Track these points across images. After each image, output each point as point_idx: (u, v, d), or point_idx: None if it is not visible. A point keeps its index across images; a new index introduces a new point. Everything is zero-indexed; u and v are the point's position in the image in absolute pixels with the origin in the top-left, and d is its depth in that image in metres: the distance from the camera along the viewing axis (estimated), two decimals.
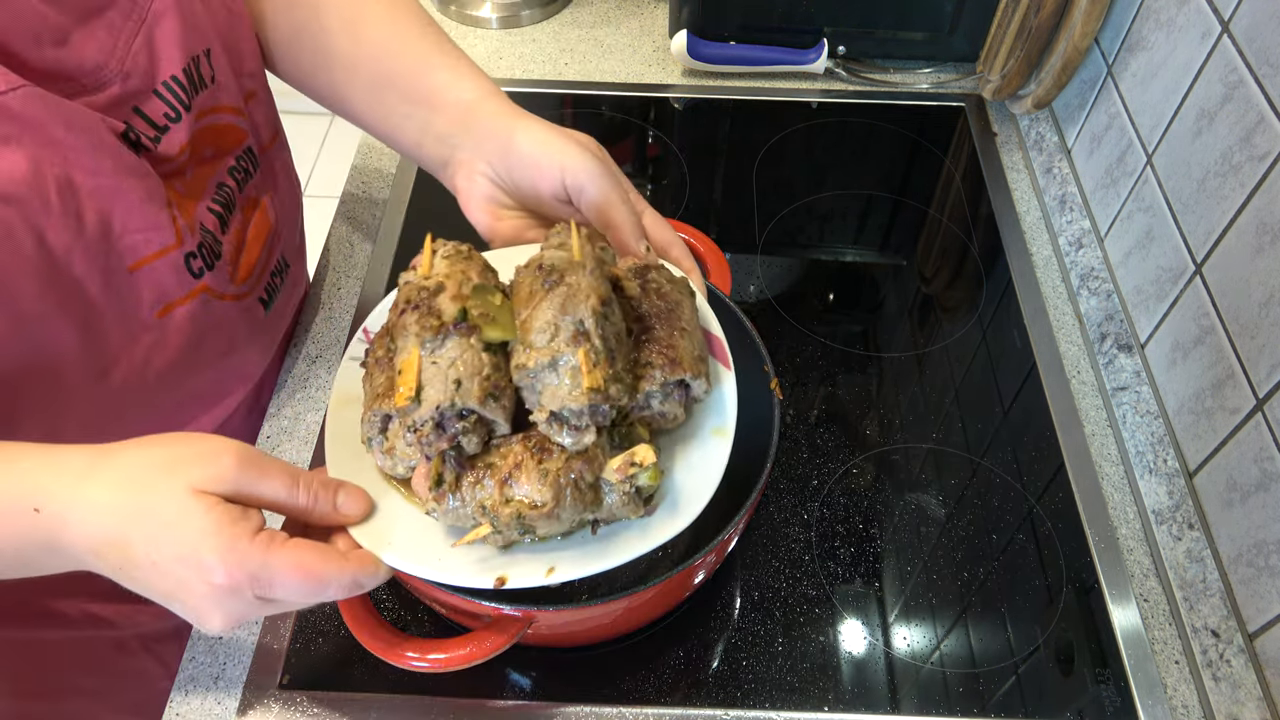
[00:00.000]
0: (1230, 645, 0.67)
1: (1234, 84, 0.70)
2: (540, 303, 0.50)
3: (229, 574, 0.47)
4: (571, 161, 0.61)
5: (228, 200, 0.69)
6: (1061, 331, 0.89)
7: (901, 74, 1.14)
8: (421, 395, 0.49)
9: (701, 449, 0.56)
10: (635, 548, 0.52)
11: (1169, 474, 0.75)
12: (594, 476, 0.50)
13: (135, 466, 0.48)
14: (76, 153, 0.54)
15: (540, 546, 0.53)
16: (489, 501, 0.50)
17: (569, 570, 0.52)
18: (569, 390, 0.49)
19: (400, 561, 0.51)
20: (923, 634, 0.70)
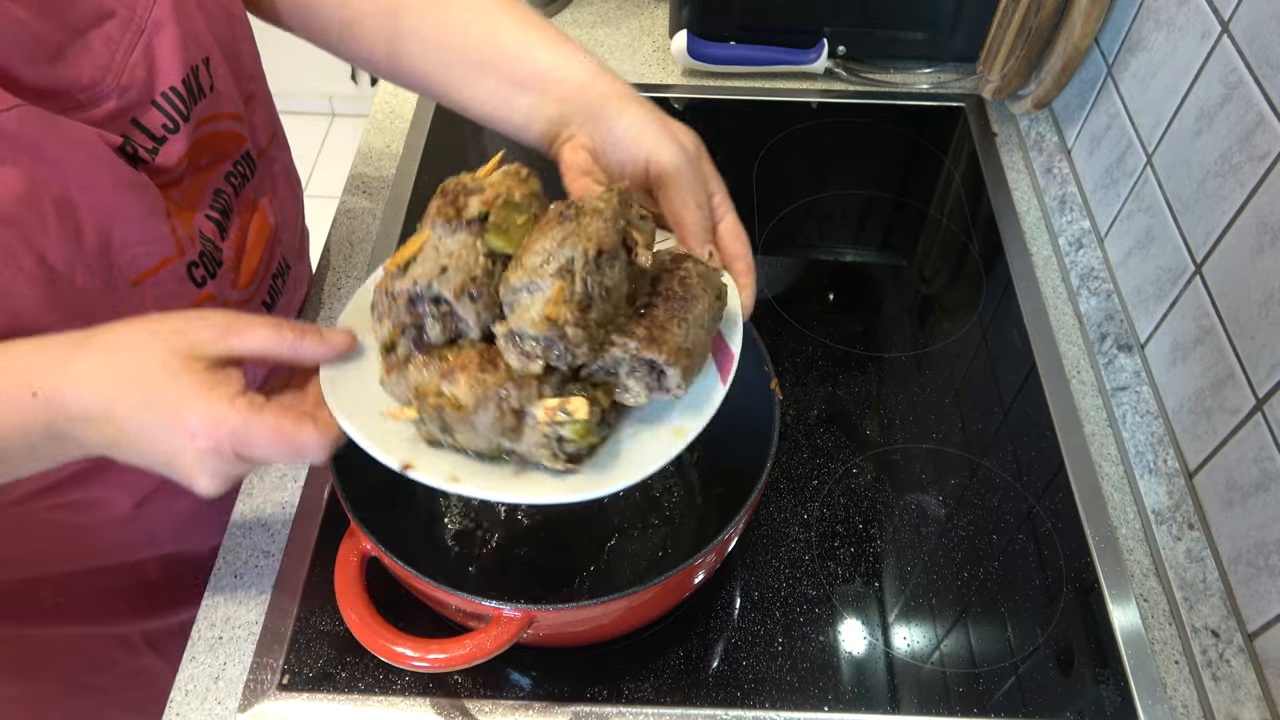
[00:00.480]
0: (1230, 645, 0.67)
1: (1234, 84, 0.70)
2: (548, 230, 0.51)
3: (210, 435, 0.49)
4: (659, 152, 0.60)
5: (225, 206, 0.69)
6: (1061, 331, 0.89)
7: (901, 74, 1.14)
8: (409, 268, 0.51)
9: (655, 439, 0.55)
10: (541, 492, 0.52)
11: (1169, 474, 0.75)
12: (521, 404, 0.50)
13: (121, 340, 0.51)
14: (73, 170, 0.54)
15: (460, 457, 0.53)
16: (422, 387, 0.51)
17: (471, 485, 0.52)
18: (533, 315, 0.49)
19: (345, 424, 0.52)
20: (923, 634, 0.70)
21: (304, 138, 2.56)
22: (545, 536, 0.73)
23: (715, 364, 0.57)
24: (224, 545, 0.74)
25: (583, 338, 0.49)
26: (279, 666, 0.67)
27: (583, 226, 0.50)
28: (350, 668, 0.67)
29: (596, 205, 0.52)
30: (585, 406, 0.50)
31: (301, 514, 0.75)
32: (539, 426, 0.50)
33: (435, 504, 0.74)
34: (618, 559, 0.72)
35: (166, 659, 0.81)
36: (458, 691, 0.66)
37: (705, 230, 0.60)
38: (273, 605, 0.70)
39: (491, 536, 0.73)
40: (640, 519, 0.74)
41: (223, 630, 0.69)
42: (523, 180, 0.55)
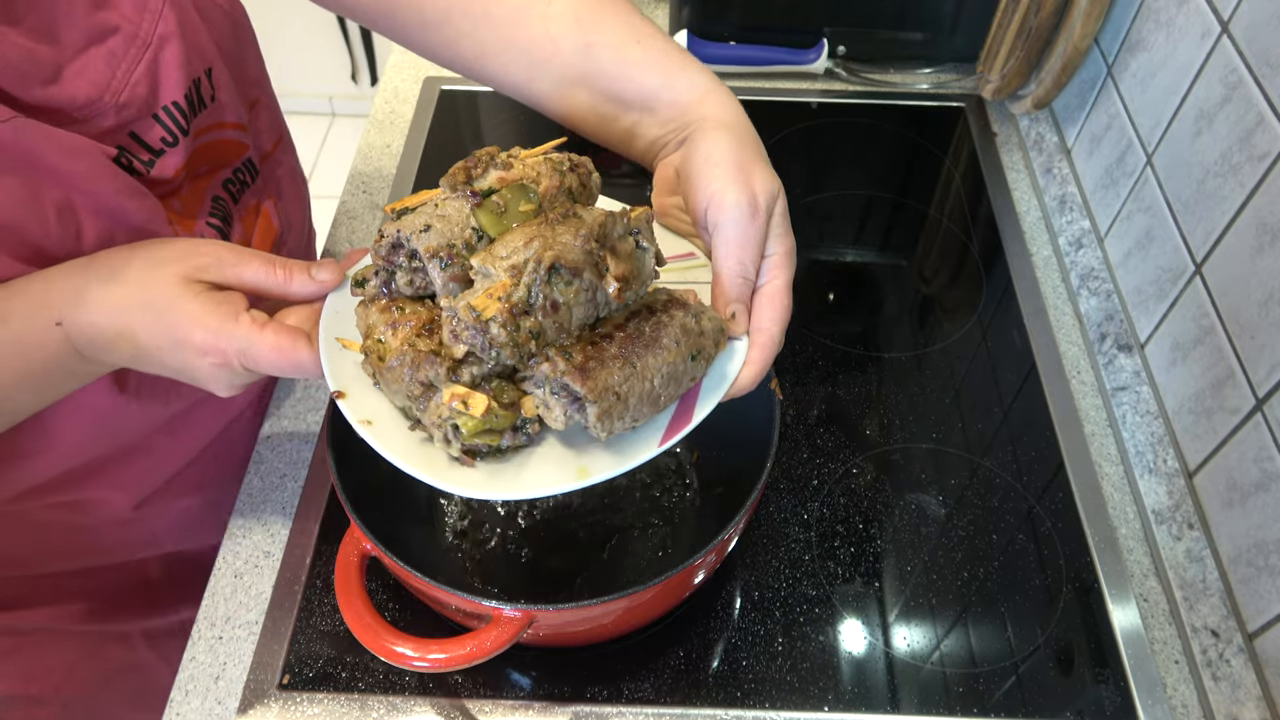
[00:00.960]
0: (1230, 645, 0.67)
1: (1234, 84, 0.70)
2: (526, 226, 0.51)
3: (219, 351, 0.52)
4: (722, 195, 0.55)
5: (225, 213, 0.69)
6: (1061, 331, 0.89)
7: (901, 74, 1.14)
8: (402, 218, 0.53)
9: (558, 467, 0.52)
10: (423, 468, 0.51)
11: (1169, 474, 0.75)
12: (427, 379, 0.51)
13: (124, 266, 0.54)
14: (74, 178, 0.55)
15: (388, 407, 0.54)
16: (370, 328, 0.54)
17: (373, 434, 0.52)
18: (468, 300, 0.49)
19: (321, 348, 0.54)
20: (923, 634, 0.70)
21: (304, 138, 2.56)
22: (545, 536, 0.73)
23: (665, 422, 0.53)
24: (224, 545, 0.74)
25: (506, 340, 0.48)
26: (279, 666, 0.67)
27: (555, 234, 0.50)
28: (350, 668, 0.67)
29: (584, 219, 0.51)
30: (483, 405, 0.49)
31: (301, 514, 0.75)
32: (439, 407, 0.50)
33: (435, 504, 0.74)
34: (618, 559, 0.72)
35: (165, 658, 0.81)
36: (458, 691, 0.66)
37: (739, 292, 0.56)
38: (273, 605, 0.70)
39: (491, 536, 0.73)
40: (640, 519, 0.74)
41: (223, 630, 0.69)
42: (561, 171, 0.55)
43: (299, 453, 0.79)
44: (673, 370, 0.52)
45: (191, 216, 0.65)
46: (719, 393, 0.54)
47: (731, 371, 0.55)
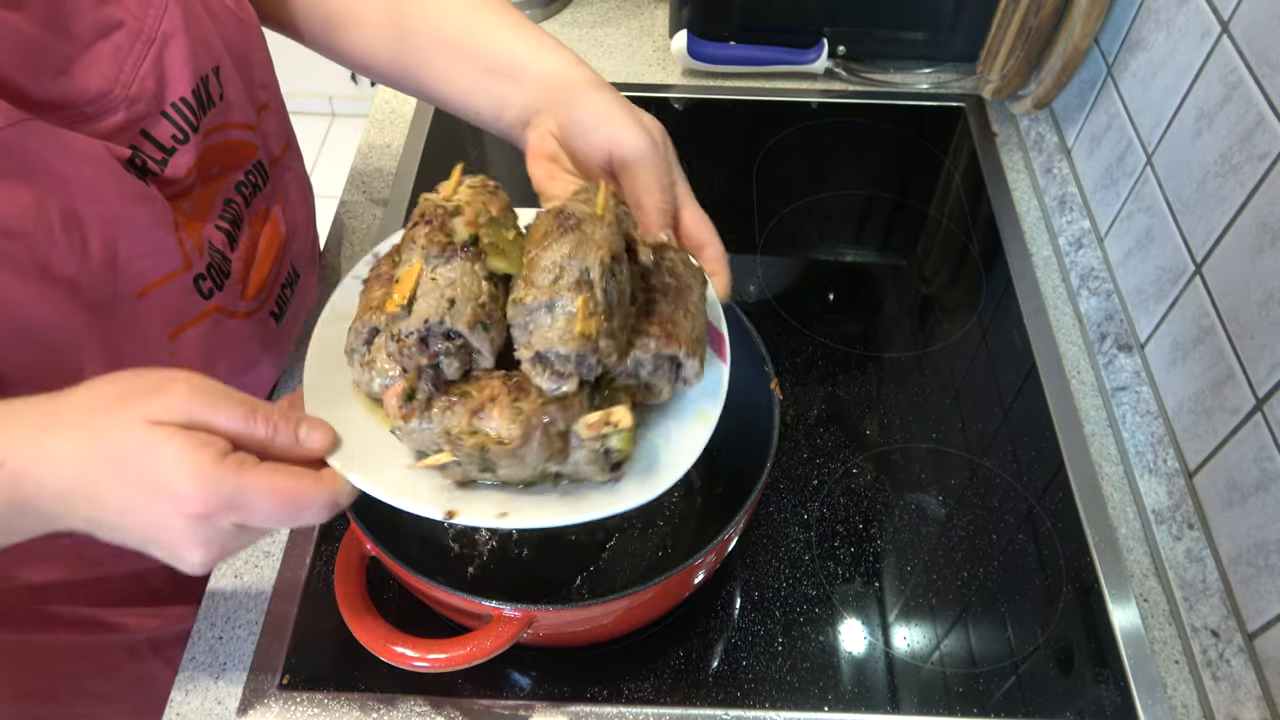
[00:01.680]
0: (1230, 645, 0.67)
1: (1234, 84, 0.70)
2: (552, 243, 0.49)
3: (203, 501, 0.44)
4: (622, 136, 0.60)
5: (235, 216, 0.68)
6: (1061, 331, 0.89)
7: (901, 74, 1.14)
8: (413, 306, 0.48)
9: (681, 429, 0.54)
10: (595, 509, 0.51)
11: (1169, 474, 0.75)
12: (566, 426, 0.49)
13: (87, 408, 0.46)
14: (79, 184, 0.54)
15: (498, 490, 0.51)
16: (455, 428, 0.48)
17: (521, 517, 0.50)
18: (560, 334, 0.47)
19: (363, 483, 0.50)
20: (923, 634, 0.70)
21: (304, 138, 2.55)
22: (545, 537, 0.73)
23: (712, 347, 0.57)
24: None
25: (613, 348, 0.49)
26: (279, 666, 0.67)
27: (588, 235, 0.49)
28: (350, 668, 0.67)
29: (594, 211, 0.51)
30: (627, 413, 0.49)
31: None
32: (586, 444, 0.49)
33: None
34: (618, 559, 0.72)
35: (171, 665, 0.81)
36: (458, 691, 0.66)
37: (666, 215, 0.60)
38: (273, 605, 0.70)
39: (492, 537, 0.73)
40: (640, 519, 0.74)
41: (223, 630, 0.69)
42: (493, 193, 0.54)
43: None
44: (702, 298, 0.56)
45: (201, 219, 0.65)
46: (718, 310, 0.59)
47: (710, 291, 0.59)
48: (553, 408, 0.48)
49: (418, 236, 0.50)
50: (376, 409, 0.53)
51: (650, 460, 0.53)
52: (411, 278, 0.49)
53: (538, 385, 0.49)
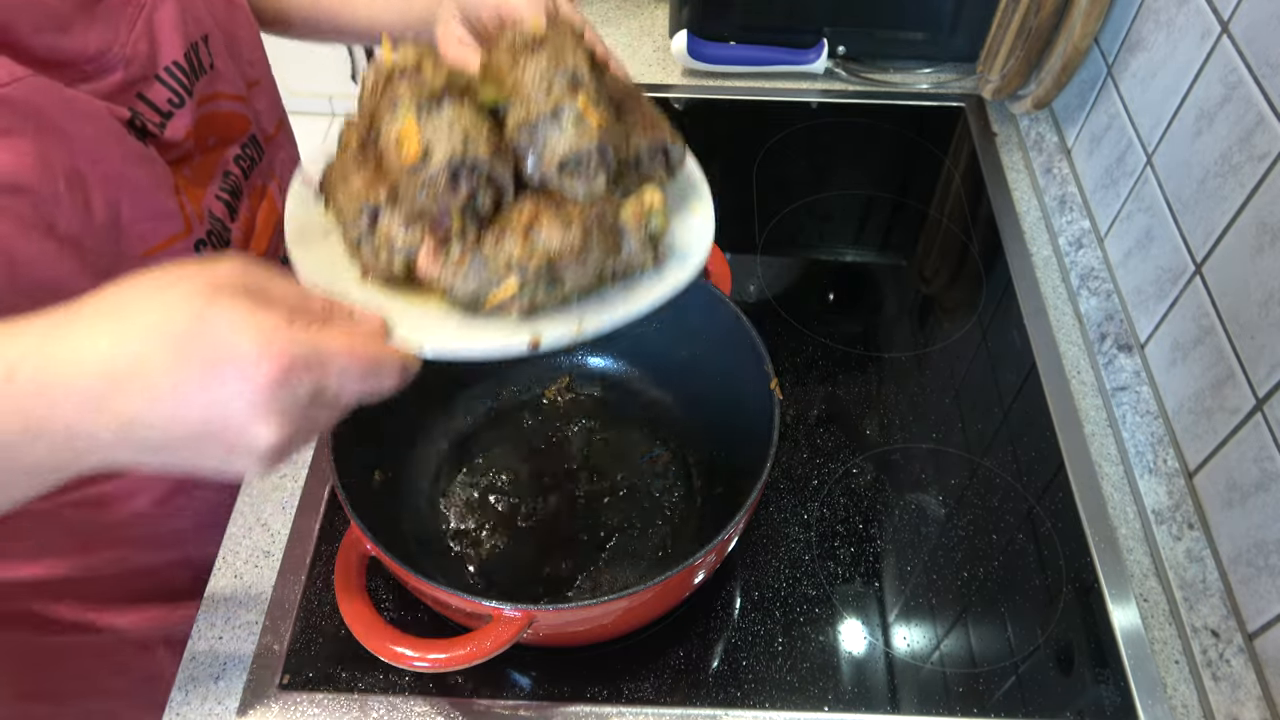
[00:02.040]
0: (1230, 645, 0.67)
1: (1234, 84, 0.70)
2: (529, 63, 0.50)
3: (276, 361, 0.38)
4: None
5: (235, 188, 0.69)
6: (1061, 331, 0.89)
7: (901, 74, 1.14)
8: (428, 152, 0.47)
9: (686, 219, 0.57)
10: (652, 295, 0.53)
11: (1169, 474, 0.75)
12: (613, 218, 0.51)
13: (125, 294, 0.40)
14: (83, 142, 0.54)
15: (560, 309, 0.52)
16: (514, 254, 0.48)
17: (596, 322, 0.51)
18: (574, 136, 0.49)
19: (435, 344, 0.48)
20: (923, 634, 0.70)
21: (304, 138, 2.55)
22: (545, 537, 0.73)
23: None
24: (224, 545, 0.74)
25: (620, 133, 0.51)
26: (279, 666, 0.67)
27: (560, 45, 0.50)
28: (350, 668, 0.67)
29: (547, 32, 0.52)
30: (657, 192, 0.52)
31: (301, 514, 0.75)
32: (633, 233, 0.52)
33: (435, 504, 0.74)
34: (618, 559, 0.72)
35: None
36: (458, 691, 0.66)
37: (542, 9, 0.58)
38: (273, 605, 0.70)
39: (491, 537, 0.73)
40: (640, 519, 0.74)
41: (223, 630, 0.69)
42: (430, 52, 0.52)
43: (299, 453, 0.79)
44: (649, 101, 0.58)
45: (201, 186, 0.66)
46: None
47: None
48: (599, 204, 0.50)
49: (400, 93, 0.49)
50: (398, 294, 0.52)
51: (677, 247, 0.56)
52: (413, 131, 0.48)
53: (573, 192, 0.50)
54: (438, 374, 0.78)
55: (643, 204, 0.52)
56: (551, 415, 0.80)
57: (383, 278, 0.52)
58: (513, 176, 0.50)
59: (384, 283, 0.52)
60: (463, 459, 0.77)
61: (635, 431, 0.79)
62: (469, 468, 0.77)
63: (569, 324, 0.51)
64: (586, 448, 0.78)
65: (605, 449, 0.78)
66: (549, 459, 0.77)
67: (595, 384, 0.82)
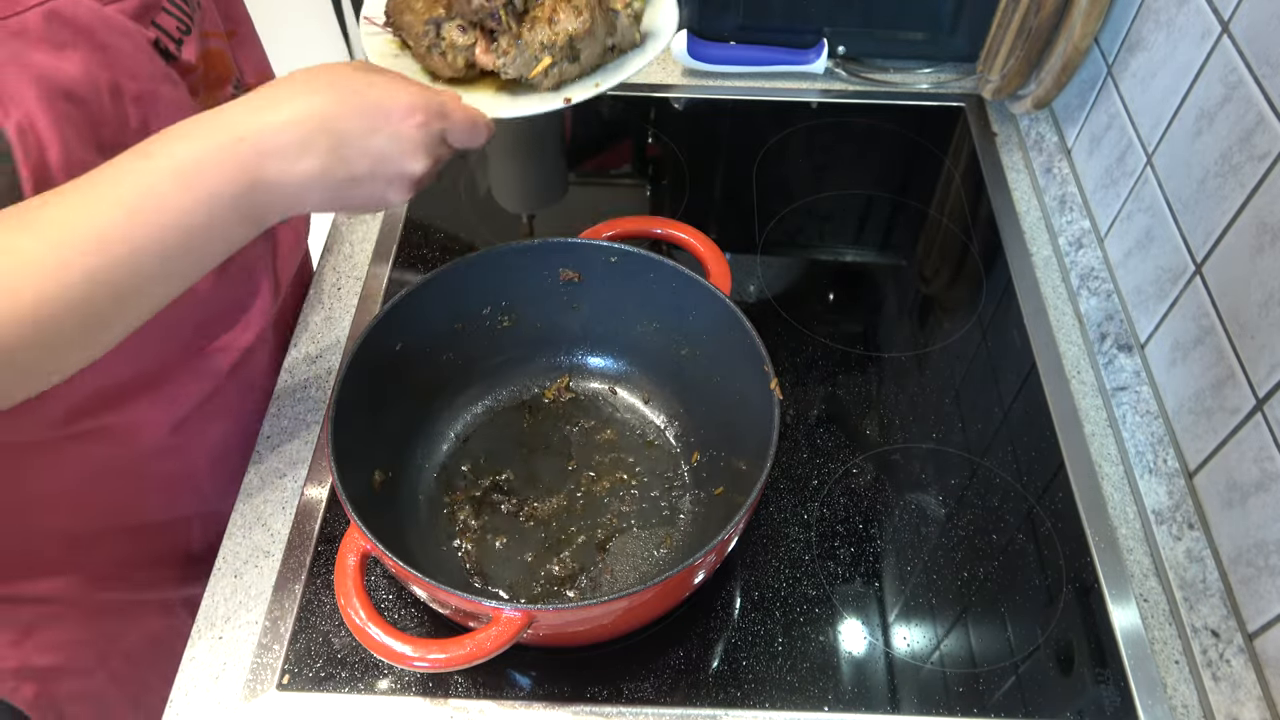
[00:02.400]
0: (1230, 645, 0.67)
1: (1234, 84, 0.70)
2: None
3: (424, 109, 0.57)
4: None
5: None
6: (1061, 331, 0.89)
7: (901, 74, 1.14)
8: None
9: (655, 6, 0.78)
10: (643, 59, 0.74)
11: (1169, 474, 0.75)
12: (606, 7, 0.72)
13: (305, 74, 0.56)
14: (121, 58, 0.57)
15: (579, 76, 0.73)
16: (545, 37, 0.69)
17: (608, 80, 0.73)
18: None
19: (503, 112, 0.70)
20: (923, 634, 0.70)
21: None
22: (545, 537, 0.73)
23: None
24: (224, 545, 0.74)
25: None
26: (279, 666, 0.67)
27: None
28: (350, 668, 0.67)
29: None
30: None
31: (301, 514, 0.75)
32: (623, 14, 0.74)
33: (436, 504, 0.74)
34: (618, 559, 0.72)
35: None
36: (458, 691, 0.66)
37: None
38: (273, 605, 0.70)
39: (492, 537, 0.73)
40: (640, 519, 0.74)
41: (223, 630, 0.69)
42: None
43: (299, 453, 0.79)
44: None
45: None
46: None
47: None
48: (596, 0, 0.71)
49: None
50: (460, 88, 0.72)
51: (652, 30, 0.77)
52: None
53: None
54: (438, 373, 0.78)
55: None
56: (551, 415, 0.80)
57: (447, 77, 0.73)
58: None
59: (449, 82, 0.73)
60: (463, 459, 0.77)
61: (635, 431, 0.79)
62: (469, 468, 0.77)
63: (589, 86, 0.73)
64: (586, 447, 0.78)
65: (605, 449, 0.78)
66: (549, 458, 0.77)
67: (595, 383, 0.82)
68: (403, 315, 0.71)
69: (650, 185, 1.06)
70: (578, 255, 0.76)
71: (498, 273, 0.76)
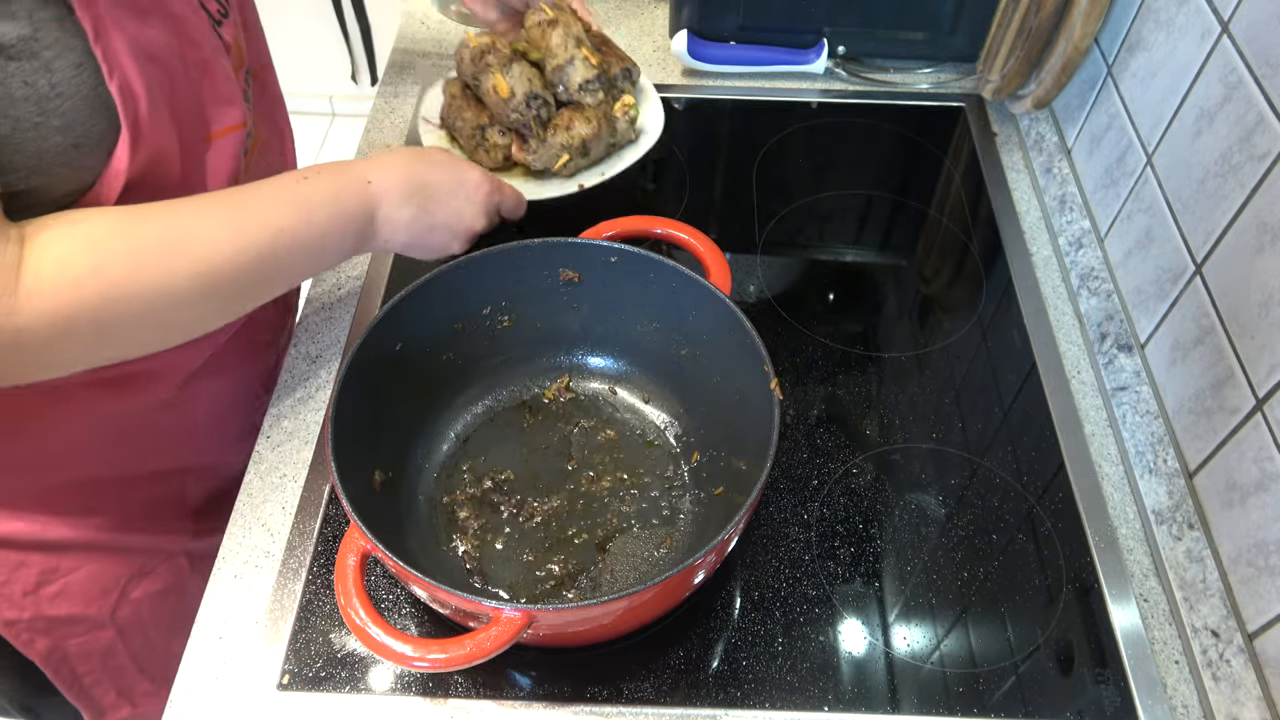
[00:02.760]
0: (1230, 645, 0.67)
1: (1234, 84, 0.70)
2: (552, 33, 0.91)
3: (489, 184, 0.79)
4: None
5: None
6: (1061, 331, 0.89)
7: (901, 74, 1.14)
8: (514, 92, 0.89)
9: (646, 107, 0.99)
10: (639, 151, 0.96)
11: (1169, 474, 0.75)
12: (608, 114, 0.93)
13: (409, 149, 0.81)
14: (187, 28, 0.63)
15: (588, 169, 0.94)
16: (563, 140, 0.90)
17: (611, 168, 0.94)
18: (583, 71, 0.91)
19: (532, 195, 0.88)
20: (923, 634, 0.70)
21: (304, 138, 2.56)
22: (545, 537, 0.73)
23: None
24: (224, 545, 0.74)
25: (607, 66, 0.93)
26: (279, 666, 0.67)
27: (565, 22, 0.91)
28: (350, 668, 0.67)
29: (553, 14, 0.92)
30: (630, 95, 0.96)
31: (301, 514, 0.75)
32: (621, 120, 0.94)
33: (435, 504, 0.74)
34: (618, 559, 0.72)
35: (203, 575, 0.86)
36: (458, 691, 0.66)
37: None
38: (273, 605, 0.70)
39: (492, 537, 0.73)
40: (640, 519, 0.74)
41: (223, 630, 0.69)
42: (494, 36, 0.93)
43: (299, 453, 0.79)
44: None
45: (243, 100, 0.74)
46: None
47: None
48: (602, 108, 0.92)
49: (490, 62, 0.90)
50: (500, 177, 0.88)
51: (645, 127, 0.98)
52: (502, 80, 0.89)
53: (587, 102, 0.92)
54: (438, 373, 0.78)
55: (624, 103, 0.94)
56: (551, 415, 0.80)
57: (488, 168, 0.92)
58: (554, 98, 0.92)
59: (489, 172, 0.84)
60: (463, 459, 0.77)
61: (635, 431, 0.79)
62: (469, 468, 0.77)
63: (596, 174, 0.93)
64: (586, 447, 0.78)
65: (605, 449, 0.78)
66: (549, 458, 0.77)
67: (595, 383, 0.82)
68: (403, 315, 0.71)
69: (650, 185, 1.06)
70: (578, 255, 0.76)
71: (498, 273, 0.76)
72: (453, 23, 1.22)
